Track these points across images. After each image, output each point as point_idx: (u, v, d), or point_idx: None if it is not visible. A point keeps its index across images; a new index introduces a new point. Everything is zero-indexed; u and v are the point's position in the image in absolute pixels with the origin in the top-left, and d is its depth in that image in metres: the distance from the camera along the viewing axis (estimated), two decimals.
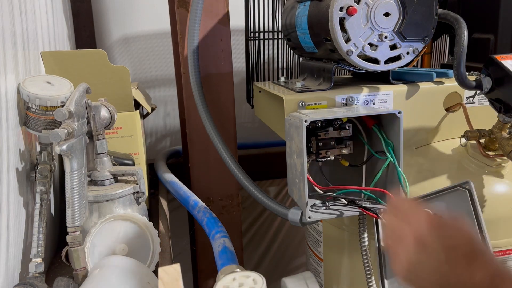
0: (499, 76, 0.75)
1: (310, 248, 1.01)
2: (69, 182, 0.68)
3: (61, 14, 1.15)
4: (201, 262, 1.14)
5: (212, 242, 0.77)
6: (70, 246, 0.67)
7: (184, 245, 1.58)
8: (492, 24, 0.91)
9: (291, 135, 0.74)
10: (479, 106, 0.88)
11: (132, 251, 0.72)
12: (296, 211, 0.75)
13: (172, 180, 1.06)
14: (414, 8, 0.74)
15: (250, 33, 1.14)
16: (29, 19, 0.80)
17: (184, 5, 0.98)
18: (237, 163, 0.89)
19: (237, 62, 1.48)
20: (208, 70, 1.02)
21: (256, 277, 0.57)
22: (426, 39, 0.77)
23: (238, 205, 1.12)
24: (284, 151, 0.79)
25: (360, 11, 0.73)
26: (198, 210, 0.89)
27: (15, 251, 0.65)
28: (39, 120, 0.71)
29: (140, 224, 0.73)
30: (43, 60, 0.87)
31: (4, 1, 0.66)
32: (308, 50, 0.89)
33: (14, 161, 0.67)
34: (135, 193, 0.79)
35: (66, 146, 0.66)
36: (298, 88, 0.82)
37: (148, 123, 1.50)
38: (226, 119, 1.05)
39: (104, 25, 1.42)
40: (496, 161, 0.81)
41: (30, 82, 0.72)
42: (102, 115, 0.77)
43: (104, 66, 0.91)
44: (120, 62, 1.45)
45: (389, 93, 0.82)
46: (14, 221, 0.65)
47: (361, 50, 0.75)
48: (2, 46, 0.64)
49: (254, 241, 1.72)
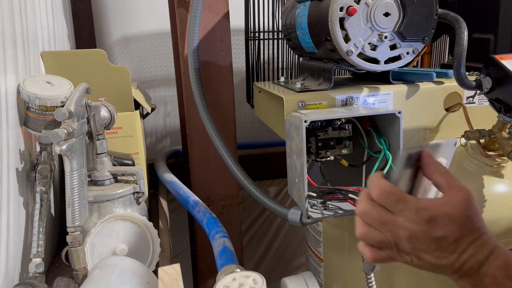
0: (499, 76, 0.75)
1: (310, 248, 1.01)
2: (69, 182, 0.68)
3: (61, 14, 1.15)
4: (201, 262, 1.14)
5: (212, 242, 0.77)
6: (70, 246, 0.67)
7: (184, 245, 1.58)
8: (492, 24, 0.91)
9: (291, 135, 0.74)
10: (479, 106, 0.88)
11: (132, 251, 0.72)
12: (296, 211, 0.75)
13: (172, 180, 1.06)
14: (414, 8, 0.74)
15: (250, 33, 1.14)
16: (29, 19, 0.80)
17: (184, 5, 0.98)
18: (237, 163, 0.89)
19: (237, 62, 1.49)
20: (208, 70, 1.02)
21: (256, 277, 0.57)
22: (426, 39, 0.77)
23: (238, 205, 1.12)
24: (284, 151, 0.79)
25: (360, 11, 0.73)
26: (198, 210, 0.89)
27: (15, 251, 0.65)
28: (39, 120, 0.71)
29: (140, 224, 0.73)
30: (43, 60, 0.87)
31: (4, 1, 0.66)
32: (308, 50, 0.89)
33: (14, 161, 0.67)
34: (135, 193, 0.79)
35: (66, 146, 0.66)
36: (298, 88, 0.82)
37: (148, 123, 1.50)
38: (226, 119, 1.05)
39: (104, 25, 1.42)
40: (496, 161, 0.81)
41: (30, 82, 0.72)
42: (102, 115, 0.77)
43: (104, 66, 0.91)
44: (120, 62, 1.45)
45: (389, 93, 0.82)
46: (14, 221, 0.65)
47: (361, 50, 0.75)
48: (2, 46, 0.64)
49: (254, 241, 1.72)
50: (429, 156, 0.54)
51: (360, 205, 0.55)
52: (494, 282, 0.48)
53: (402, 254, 0.52)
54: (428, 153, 0.54)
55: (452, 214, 0.50)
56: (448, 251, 0.50)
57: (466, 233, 0.50)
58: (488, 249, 0.49)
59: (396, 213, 0.52)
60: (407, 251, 0.52)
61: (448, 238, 0.50)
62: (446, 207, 0.51)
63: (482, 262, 0.49)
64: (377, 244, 0.53)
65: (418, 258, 0.52)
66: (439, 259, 0.51)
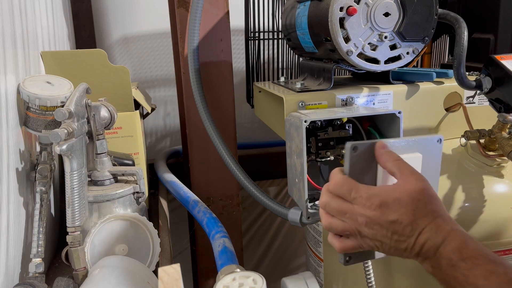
0: (499, 76, 0.75)
1: (310, 248, 1.01)
2: (69, 182, 0.68)
3: (61, 14, 1.15)
4: (201, 262, 1.14)
5: (212, 242, 0.77)
6: (70, 246, 0.67)
7: (184, 245, 1.58)
8: (492, 24, 0.91)
9: (291, 135, 0.74)
10: (479, 106, 0.88)
11: (132, 251, 0.72)
12: (296, 211, 0.75)
13: (172, 180, 1.06)
14: (414, 8, 0.74)
15: (250, 33, 1.14)
16: (29, 19, 0.80)
17: (184, 5, 0.98)
18: (237, 163, 0.89)
19: (237, 62, 1.49)
20: (208, 70, 1.02)
21: (256, 277, 0.57)
22: (426, 39, 0.77)
23: (238, 205, 1.12)
24: (284, 151, 0.79)
25: (360, 11, 0.73)
26: (198, 210, 0.89)
27: (15, 251, 0.65)
28: (39, 120, 0.71)
29: (140, 224, 0.73)
30: (43, 60, 0.87)
31: (4, 1, 0.66)
32: (308, 50, 0.89)
33: (14, 161, 0.67)
34: (135, 193, 0.79)
35: (66, 146, 0.66)
36: (298, 88, 0.82)
37: (148, 123, 1.50)
38: (226, 119, 1.05)
39: (104, 25, 1.42)
40: (496, 161, 0.81)
41: (30, 82, 0.72)
42: (102, 115, 0.77)
43: (104, 66, 0.91)
44: (120, 62, 1.45)
45: (389, 93, 0.82)
46: (14, 221, 0.65)
47: (361, 50, 0.75)
48: (2, 46, 0.64)
49: (254, 241, 1.72)
50: (382, 147, 0.57)
51: (321, 198, 0.59)
52: (449, 264, 0.50)
53: (366, 240, 0.55)
54: (381, 144, 0.58)
55: (402, 198, 0.53)
56: (405, 234, 0.52)
57: (419, 216, 0.52)
58: (444, 232, 0.51)
59: (352, 201, 0.55)
60: (369, 237, 0.54)
61: (402, 221, 0.52)
62: (396, 192, 0.53)
63: (439, 245, 0.51)
64: (342, 233, 0.57)
65: (381, 243, 0.54)
66: (398, 243, 0.53)
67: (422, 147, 0.61)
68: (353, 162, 0.57)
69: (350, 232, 0.56)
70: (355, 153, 0.57)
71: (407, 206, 0.52)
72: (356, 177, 0.57)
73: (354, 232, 0.56)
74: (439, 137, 0.63)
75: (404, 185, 0.54)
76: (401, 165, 0.56)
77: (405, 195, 0.53)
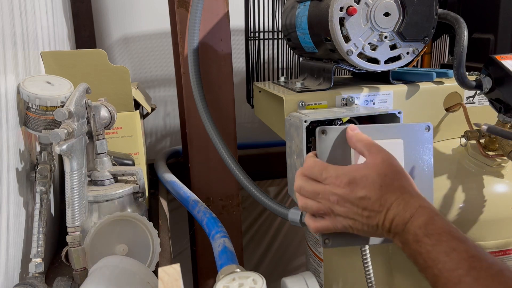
0: (499, 76, 0.75)
1: (310, 248, 1.01)
2: (69, 182, 0.68)
3: (61, 14, 1.15)
4: (201, 262, 1.14)
5: (212, 242, 0.76)
6: (70, 246, 0.67)
7: (184, 245, 1.58)
8: (492, 24, 0.91)
9: (291, 135, 0.74)
10: (479, 106, 0.88)
11: (132, 251, 0.72)
12: (296, 211, 0.75)
13: (172, 180, 1.06)
14: (414, 8, 0.74)
15: (250, 33, 1.14)
16: (29, 19, 0.80)
17: (184, 5, 0.98)
18: (237, 163, 0.88)
19: (237, 62, 1.48)
20: (208, 70, 1.02)
21: (256, 277, 0.57)
22: (426, 39, 0.77)
23: (238, 205, 1.12)
24: (284, 151, 0.79)
25: (360, 11, 0.73)
26: (198, 210, 0.89)
27: (15, 251, 0.65)
28: (39, 120, 0.71)
29: (140, 224, 0.73)
30: (43, 60, 0.87)
31: (4, 1, 0.66)
32: (308, 50, 0.89)
33: (14, 161, 0.67)
34: (135, 193, 0.79)
35: (66, 146, 0.66)
36: (298, 88, 0.82)
37: (148, 123, 1.50)
38: (226, 119, 1.05)
39: (104, 25, 1.42)
40: (496, 161, 0.81)
41: (30, 82, 0.72)
42: (102, 115, 0.77)
43: (104, 66, 0.91)
44: (120, 62, 1.45)
45: (389, 93, 0.82)
46: (14, 221, 0.65)
47: (361, 50, 0.75)
48: (2, 46, 0.64)
49: (254, 241, 1.72)
50: (352, 129, 0.61)
51: (296, 182, 0.61)
52: (414, 240, 0.51)
53: (339, 219, 0.57)
54: (352, 127, 0.61)
55: (369, 174, 0.55)
56: (375, 210, 0.54)
57: (386, 191, 0.54)
58: (412, 208, 0.52)
59: (323, 181, 0.57)
60: (342, 215, 0.57)
61: (370, 197, 0.54)
62: (363, 169, 0.56)
63: (406, 221, 0.52)
64: (316, 213, 0.60)
65: (354, 221, 0.56)
66: (369, 219, 0.55)
67: (404, 134, 0.63)
68: (323, 145, 0.61)
69: (324, 211, 0.58)
70: (325, 137, 0.61)
71: (374, 182, 0.54)
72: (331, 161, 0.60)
73: (327, 212, 0.58)
74: (427, 124, 0.64)
75: (371, 162, 0.56)
76: (369, 144, 0.58)
77: (372, 171, 0.55)
